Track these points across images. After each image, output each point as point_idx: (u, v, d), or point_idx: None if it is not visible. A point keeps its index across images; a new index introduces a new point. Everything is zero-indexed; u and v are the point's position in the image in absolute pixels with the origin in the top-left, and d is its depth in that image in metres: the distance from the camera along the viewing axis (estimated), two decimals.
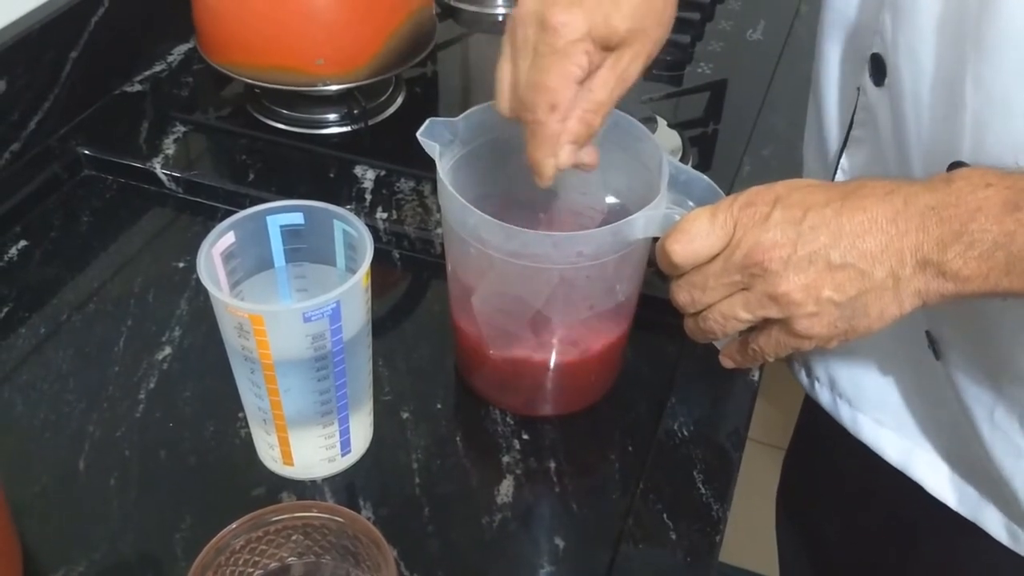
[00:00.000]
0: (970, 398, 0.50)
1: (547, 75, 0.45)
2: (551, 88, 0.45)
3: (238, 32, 0.70)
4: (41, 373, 0.56)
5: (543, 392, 0.56)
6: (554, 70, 0.45)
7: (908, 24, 0.44)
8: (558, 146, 0.46)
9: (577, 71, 0.45)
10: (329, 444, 0.50)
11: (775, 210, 0.42)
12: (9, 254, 0.64)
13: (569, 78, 0.45)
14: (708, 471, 0.51)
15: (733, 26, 0.88)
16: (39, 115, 0.70)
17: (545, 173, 0.47)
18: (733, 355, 0.49)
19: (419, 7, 0.73)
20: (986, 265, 0.38)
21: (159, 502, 0.50)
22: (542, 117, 0.45)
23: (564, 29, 0.44)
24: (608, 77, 0.46)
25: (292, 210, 0.48)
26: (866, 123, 0.50)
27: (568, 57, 0.44)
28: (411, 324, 0.62)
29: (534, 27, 0.45)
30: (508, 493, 0.51)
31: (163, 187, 0.70)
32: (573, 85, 0.45)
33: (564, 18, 0.44)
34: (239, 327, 0.44)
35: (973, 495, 0.55)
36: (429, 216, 0.66)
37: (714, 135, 0.77)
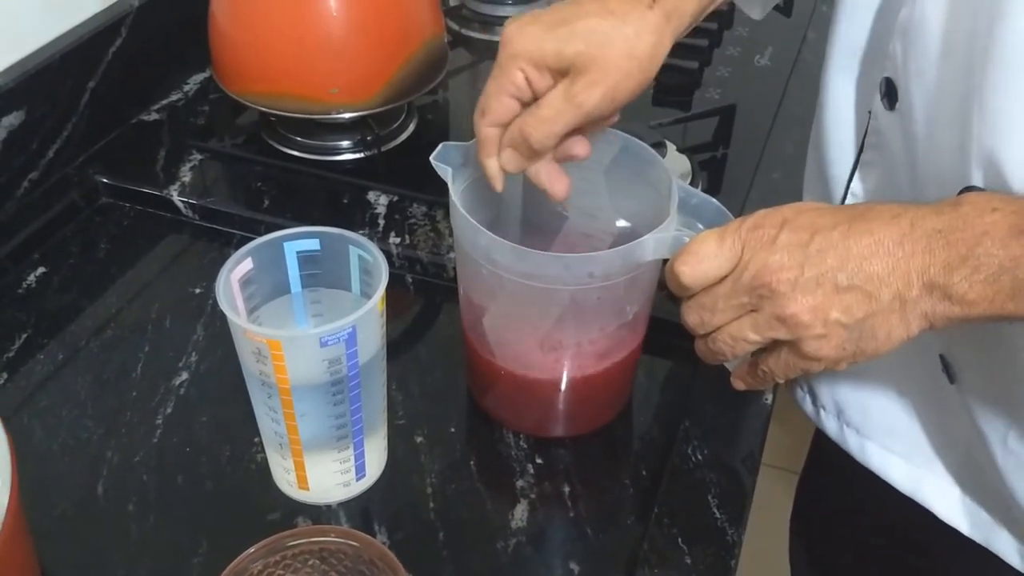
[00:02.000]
0: (984, 422, 0.50)
1: (487, 85, 0.48)
2: (485, 95, 0.48)
3: (254, 62, 0.71)
4: (60, 399, 0.57)
5: (555, 413, 0.56)
6: (491, 82, 0.48)
7: (918, 49, 0.45)
8: (494, 149, 0.49)
9: (510, 86, 0.48)
10: (344, 468, 0.50)
11: (782, 232, 0.42)
12: (28, 281, 0.65)
13: (500, 90, 0.48)
14: (723, 495, 0.51)
15: (741, 52, 0.89)
16: (58, 144, 0.72)
17: (489, 173, 0.50)
18: (744, 377, 0.49)
19: (431, 36, 0.74)
20: (991, 289, 0.39)
21: (176, 527, 0.50)
22: (476, 119, 0.49)
23: (507, 44, 0.47)
24: (555, 98, 0.47)
25: (308, 236, 0.49)
26: (877, 147, 0.51)
27: (503, 71, 0.48)
28: (424, 347, 0.62)
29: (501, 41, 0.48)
30: (523, 517, 0.51)
31: (180, 214, 0.71)
32: (504, 98, 0.48)
33: (512, 34, 0.47)
34: (257, 352, 0.44)
35: (985, 520, 0.54)
36: (441, 240, 0.67)
37: (723, 159, 0.77)
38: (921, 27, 0.44)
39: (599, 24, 0.46)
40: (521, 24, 0.47)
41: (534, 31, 0.47)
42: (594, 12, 0.47)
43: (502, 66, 0.47)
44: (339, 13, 0.69)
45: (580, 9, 0.47)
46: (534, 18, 0.47)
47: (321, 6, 0.69)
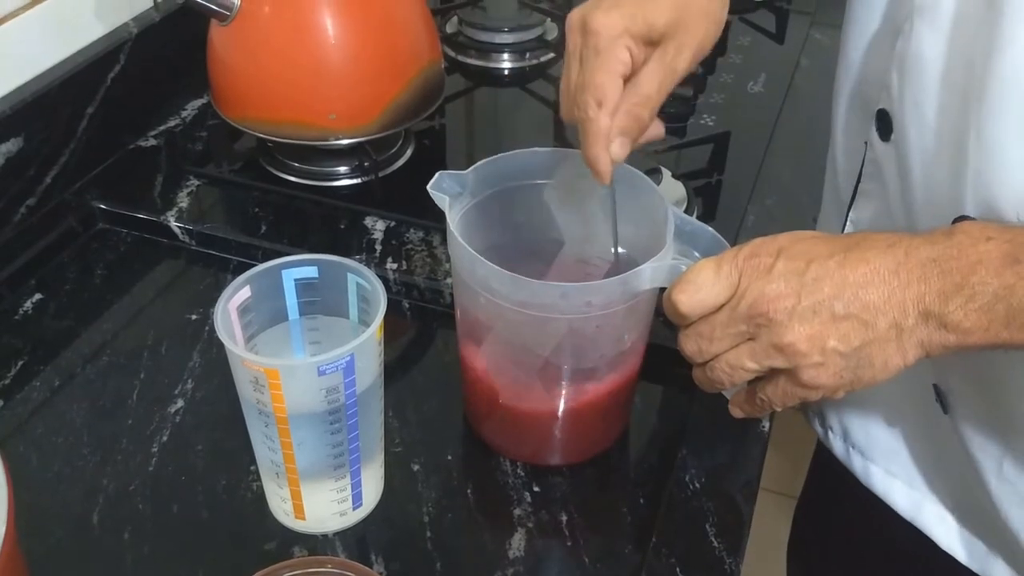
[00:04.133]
0: (978, 451, 0.50)
1: (593, 74, 0.47)
2: (596, 85, 0.47)
3: (253, 88, 0.72)
4: (55, 426, 0.57)
5: (552, 441, 0.56)
6: (599, 68, 0.47)
7: (914, 80, 0.45)
8: (609, 140, 0.47)
9: (620, 67, 0.47)
10: (341, 498, 0.50)
11: (779, 261, 0.42)
12: (24, 307, 0.65)
13: (612, 74, 0.47)
14: (720, 524, 0.51)
15: (734, 79, 0.90)
16: (55, 170, 0.72)
17: (601, 168, 0.48)
18: (742, 404, 0.49)
19: (429, 63, 0.75)
20: (986, 317, 0.39)
21: (172, 556, 0.50)
22: (591, 114, 0.47)
23: (604, 30, 0.46)
24: (655, 69, 0.48)
25: (307, 264, 0.49)
26: (873, 177, 0.51)
27: (610, 54, 0.47)
28: (421, 374, 0.62)
29: (579, 33, 0.48)
30: (520, 547, 0.51)
31: (176, 240, 0.71)
32: (618, 80, 0.47)
33: (604, 20, 0.47)
34: (255, 381, 0.44)
35: (981, 549, 0.54)
36: (438, 266, 0.67)
37: (718, 186, 0.78)
38: (917, 59, 0.45)
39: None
40: (604, 9, 0.47)
41: (622, 11, 0.47)
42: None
43: (606, 50, 0.46)
44: (337, 40, 0.70)
45: None
46: (613, 1, 0.47)
47: (319, 33, 0.69)
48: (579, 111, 0.47)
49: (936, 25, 0.44)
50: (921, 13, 0.44)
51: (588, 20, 0.47)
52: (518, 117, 0.89)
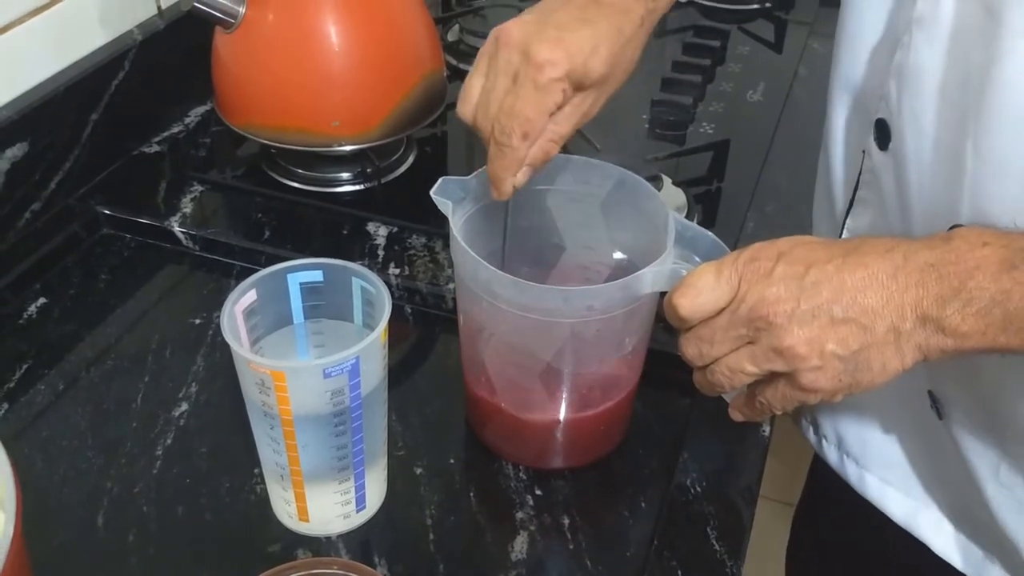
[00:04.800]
0: (974, 457, 0.50)
1: (526, 105, 0.48)
2: (528, 118, 0.48)
3: (256, 95, 0.72)
4: (60, 429, 0.57)
5: (554, 444, 0.57)
6: (533, 103, 0.48)
7: (913, 91, 0.46)
8: (520, 168, 0.50)
9: (552, 107, 0.49)
10: (345, 500, 0.50)
11: (778, 265, 0.43)
12: (28, 311, 0.65)
13: (545, 112, 0.49)
14: (721, 527, 0.51)
15: (733, 88, 0.91)
16: (60, 175, 0.72)
17: (504, 189, 0.51)
18: (741, 408, 0.50)
19: (431, 70, 0.76)
20: (983, 322, 0.39)
21: (176, 558, 0.50)
22: (515, 143, 0.49)
23: (548, 67, 0.48)
24: (572, 113, 0.50)
25: (312, 268, 0.49)
26: (870, 185, 0.52)
27: (548, 93, 0.48)
28: (423, 378, 0.62)
29: (518, 55, 0.48)
30: (522, 550, 0.51)
31: (180, 245, 0.71)
32: (546, 118, 0.49)
33: (549, 56, 0.48)
34: (260, 383, 0.45)
35: (978, 554, 0.55)
36: (441, 271, 0.67)
37: (718, 193, 0.79)
38: (916, 70, 0.45)
39: (615, 43, 0.49)
40: (550, 43, 0.48)
41: (567, 51, 0.48)
42: (609, 31, 0.49)
43: (544, 88, 0.48)
44: (341, 48, 0.70)
45: (597, 26, 0.49)
46: (558, 36, 0.48)
47: (323, 41, 0.70)
48: (500, 134, 0.49)
49: (935, 36, 0.44)
50: (920, 24, 0.45)
51: (532, 49, 0.48)
52: None
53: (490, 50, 0.50)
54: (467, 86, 0.51)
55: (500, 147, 0.49)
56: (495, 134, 0.49)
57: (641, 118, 0.86)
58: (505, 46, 0.49)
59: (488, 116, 0.49)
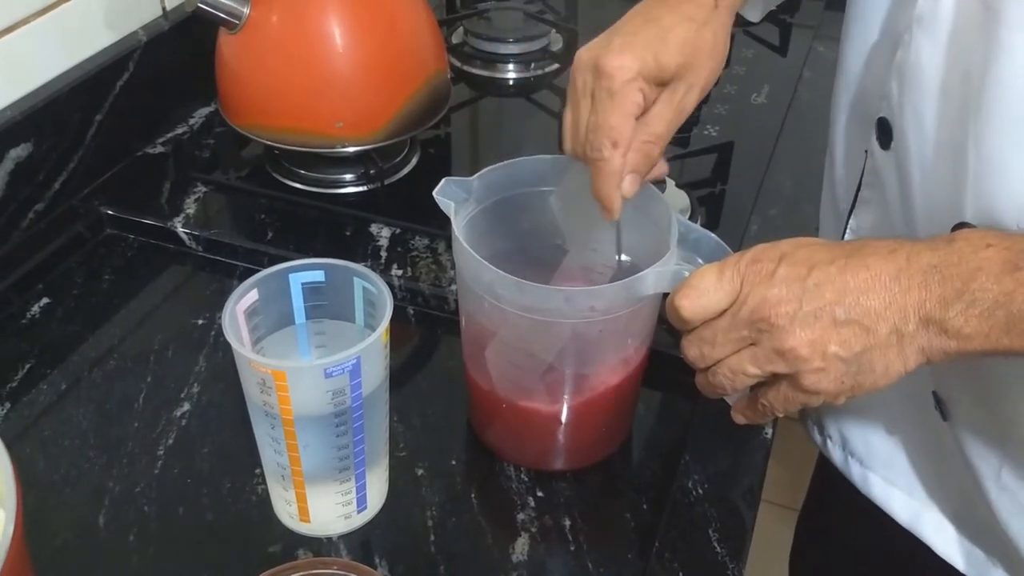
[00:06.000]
0: (977, 459, 0.50)
1: (607, 116, 0.48)
2: (611, 126, 0.48)
3: (260, 96, 0.72)
4: (62, 429, 0.57)
5: (556, 446, 0.56)
6: (613, 110, 0.48)
7: (914, 89, 0.46)
8: (621, 178, 0.49)
9: (634, 108, 0.48)
10: (346, 500, 0.50)
11: (780, 267, 0.43)
12: (32, 311, 0.65)
13: (627, 116, 0.48)
14: (723, 529, 0.51)
15: (738, 90, 0.91)
16: (64, 175, 0.73)
17: (613, 206, 0.49)
18: (744, 410, 0.49)
19: (435, 72, 0.76)
20: (987, 324, 0.39)
21: (177, 558, 0.50)
22: (606, 155, 0.48)
23: (618, 72, 0.47)
24: (664, 110, 0.49)
25: (313, 268, 0.49)
26: (873, 185, 0.52)
27: (625, 97, 0.48)
28: (425, 380, 0.62)
29: (591, 74, 0.48)
30: (523, 551, 0.51)
31: (183, 245, 0.72)
32: (631, 121, 0.48)
33: (617, 62, 0.47)
34: (262, 383, 0.45)
35: (980, 557, 0.54)
36: (443, 273, 0.67)
37: (721, 195, 0.79)
38: (917, 69, 0.45)
39: (686, 32, 0.49)
40: (616, 51, 0.48)
41: (634, 53, 0.48)
42: (677, 21, 0.49)
43: (621, 92, 0.47)
44: (345, 49, 0.70)
45: (662, 22, 0.49)
46: (623, 41, 0.48)
47: (327, 42, 0.70)
48: (592, 151, 0.48)
49: (935, 35, 0.44)
50: (920, 23, 0.45)
51: (600, 62, 0.48)
52: (522, 127, 0.89)
53: (571, 81, 0.50)
54: (562, 124, 0.51)
55: (595, 163, 0.49)
56: (588, 153, 0.49)
57: None
58: (579, 71, 0.49)
59: (579, 141, 0.49)
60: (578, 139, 0.49)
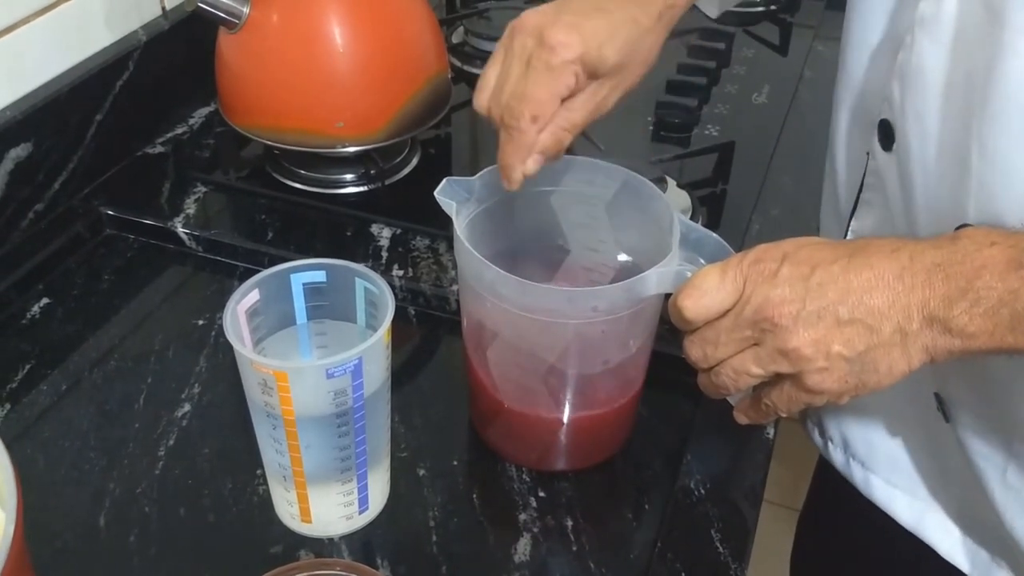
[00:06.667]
0: (981, 459, 0.50)
1: (536, 88, 0.48)
2: (538, 100, 0.48)
3: (260, 96, 0.72)
4: (62, 430, 0.57)
5: (558, 446, 0.56)
6: (544, 85, 0.48)
7: (916, 91, 0.46)
8: (529, 154, 0.49)
9: (564, 90, 0.48)
10: (347, 501, 0.50)
11: (783, 266, 0.42)
12: (32, 312, 0.65)
13: (556, 95, 0.48)
14: (725, 529, 0.51)
15: (738, 90, 0.91)
16: (63, 176, 0.72)
17: (514, 177, 0.50)
18: (747, 411, 0.49)
19: (436, 72, 0.76)
20: (991, 322, 0.39)
21: (178, 559, 0.50)
22: (524, 126, 0.48)
23: (561, 49, 0.47)
24: (587, 102, 0.49)
25: (315, 268, 0.49)
26: (875, 187, 0.52)
27: (559, 75, 0.47)
28: (427, 380, 0.62)
29: (533, 40, 0.48)
30: (525, 552, 0.51)
31: (183, 246, 0.71)
32: (557, 102, 0.48)
33: (563, 38, 0.47)
34: (263, 383, 0.45)
35: (985, 558, 0.54)
36: (444, 273, 0.67)
37: (723, 195, 0.78)
38: (919, 70, 0.45)
39: (631, 34, 0.49)
40: (565, 27, 0.47)
41: (581, 36, 0.47)
42: (625, 21, 0.49)
43: (557, 70, 0.47)
44: (346, 49, 0.70)
45: (612, 16, 0.48)
46: (573, 20, 0.48)
47: (328, 42, 0.70)
48: (510, 118, 0.48)
49: (937, 37, 0.44)
50: (923, 25, 0.45)
51: (547, 32, 0.47)
52: None
53: (506, 40, 0.50)
54: (483, 76, 0.51)
55: (509, 131, 0.48)
56: (504, 118, 0.48)
57: (646, 120, 0.85)
58: (520, 32, 0.49)
59: (500, 103, 0.49)
60: (497, 101, 0.49)
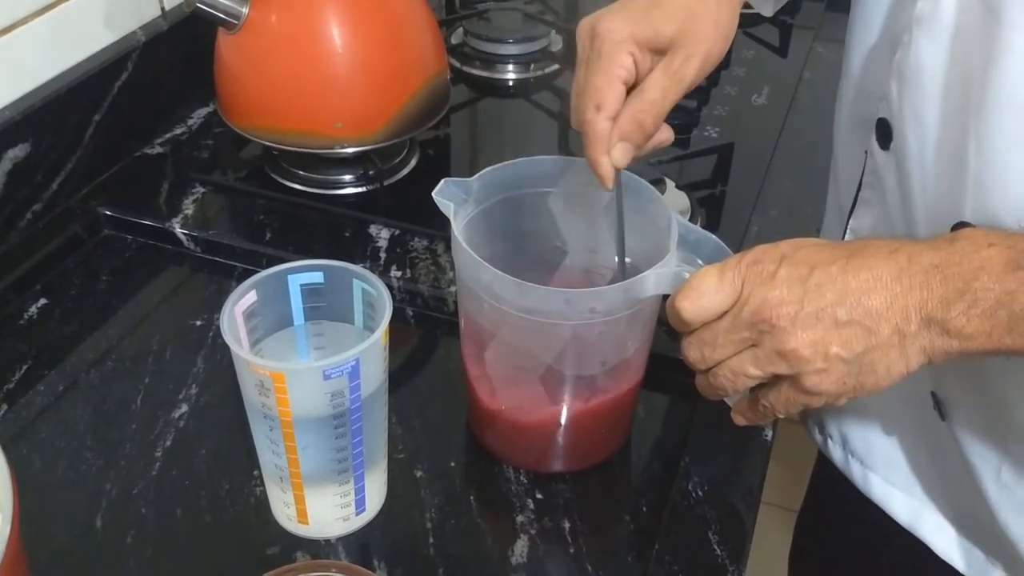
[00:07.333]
0: (976, 458, 0.50)
1: (592, 77, 0.47)
2: (596, 87, 0.47)
3: (259, 97, 0.72)
4: (59, 430, 0.57)
5: (555, 448, 0.56)
6: (599, 72, 0.47)
7: (914, 90, 0.46)
8: (610, 144, 0.47)
9: (621, 71, 0.47)
10: (344, 503, 0.50)
11: (781, 268, 0.42)
12: (29, 312, 0.65)
13: (612, 77, 0.47)
14: (723, 532, 0.51)
15: (738, 91, 0.91)
16: (62, 176, 0.72)
17: (602, 172, 0.48)
18: (744, 412, 0.49)
19: (435, 73, 0.75)
20: (988, 323, 0.39)
21: (175, 560, 0.50)
22: (589, 117, 0.47)
23: (608, 34, 0.47)
24: (659, 77, 0.47)
25: (313, 269, 0.49)
26: (873, 185, 0.52)
27: (612, 59, 0.47)
28: (424, 381, 0.62)
29: (587, 39, 0.48)
30: (523, 554, 0.51)
31: (181, 246, 0.71)
32: (617, 85, 0.47)
33: (609, 24, 0.47)
34: (260, 384, 0.45)
35: (980, 557, 0.54)
36: (442, 274, 0.67)
37: (721, 196, 0.78)
38: (917, 69, 0.45)
39: (687, 2, 0.47)
40: (612, 14, 0.47)
41: (629, 17, 0.47)
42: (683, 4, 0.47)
43: (609, 54, 0.47)
44: (344, 50, 0.70)
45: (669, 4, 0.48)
46: (622, 7, 0.48)
47: (327, 43, 0.70)
48: (578, 115, 0.47)
49: (935, 35, 0.44)
50: (920, 24, 0.45)
51: (596, 25, 0.47)
52: (522, 128, 0.89)
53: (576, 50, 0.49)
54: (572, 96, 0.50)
55: (582, 128, 0.47)
56: (574, 118, 0.48)
57: None
58: (579, 38, 0.49)
59: (572, 107, 0.48)
60: (574, 106, 0.48)
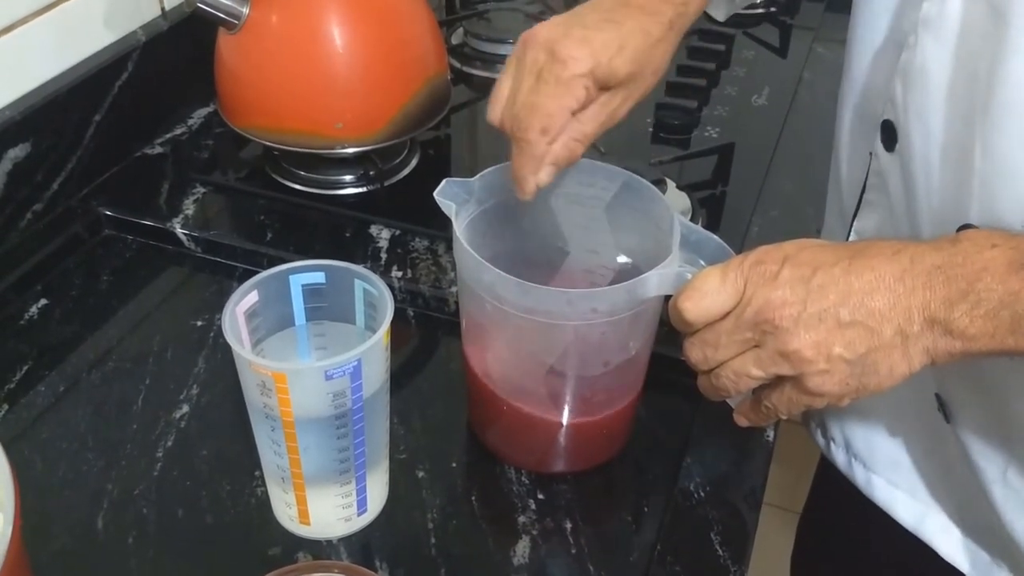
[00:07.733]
0: (981, 460, 0.50)
1: (547, 100, 0.48)
2: (548, 113, 0.48)
3: (259, 97, 0.72)
4: (60, 431, 0.57)
5: (556, 448, 0.56)
6: (554, 98, 0.48)
7: (919, 91, 0.46)
8: (541, 165, 0.50)
9: (574, 103, 0.49)
10: (346, 503, 0.50)
11: (784, 268, 0.42)
12: (30, 312, 0.65)
13: (566, 108, 0.49)
14: (725, 532, 0.51)
15: (738, 92, 0.91)
16: (62, 176, 0.72)
17: (526, 188, 0.50)
18: (747, 413, 0.49)
19: (435, 74, 0.75)
20: (992, 324, 0.39)
21: (176, 561, 0.50)
22: (532, 137, 0.49)
23: (571, 63, 0.48)
24: (599, 113, 0.50)
25: (314, 270, 0.49)
26: (878, 187, 0.52)
27: (569, 89, 0.48)
28: (425, 382, 0.62)
29: (544, 54, 0.49)
30: (524, 554, 0.51)
31: (182, 247, 0.71)
32: (567, 115, 0.49)
33: (574, 53, 0.48)
34: (262, 385, 0.44)
35: (985, 559, 0.54)
36: (443, 274, 0.67)
37: (722, 197, 0.78)
38: (922, 70, 0.45)
39: (642, 44, 0.49)
40: (577, 43, 0.48)
41: (591, 51, 0.48)
42: (636, 31, 0.49)
43: (566, 83, 0.48)
44: (345, 50, 0.70)
45: (622, 27, 0.49)
46: (584, 35, 0.48)
47: (327, 43, 0.70)
48: (519, 130, 0.49)
49: (941, 37, 0.44)
50: (926, 25, 0.45)
51: (557, 47, 0.48)
52: None
53: (518, 52, 0.50)
54: (496, 88, 0.51)
55: (519, 143, 0.49)
56: (515, 130, 0.49)
57: (646, 121, 0.85)
58: (532, 46, 0.49)
59: (512, 115, 0.49)
60: (509, 113, 0.50)
